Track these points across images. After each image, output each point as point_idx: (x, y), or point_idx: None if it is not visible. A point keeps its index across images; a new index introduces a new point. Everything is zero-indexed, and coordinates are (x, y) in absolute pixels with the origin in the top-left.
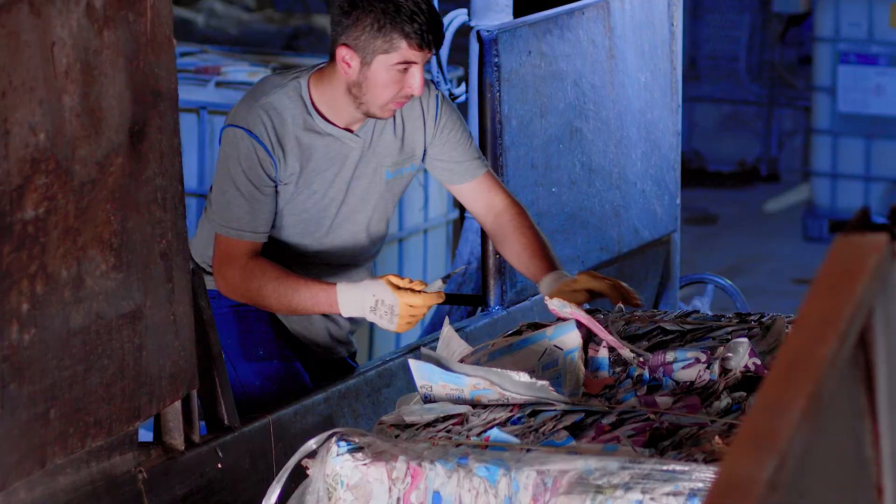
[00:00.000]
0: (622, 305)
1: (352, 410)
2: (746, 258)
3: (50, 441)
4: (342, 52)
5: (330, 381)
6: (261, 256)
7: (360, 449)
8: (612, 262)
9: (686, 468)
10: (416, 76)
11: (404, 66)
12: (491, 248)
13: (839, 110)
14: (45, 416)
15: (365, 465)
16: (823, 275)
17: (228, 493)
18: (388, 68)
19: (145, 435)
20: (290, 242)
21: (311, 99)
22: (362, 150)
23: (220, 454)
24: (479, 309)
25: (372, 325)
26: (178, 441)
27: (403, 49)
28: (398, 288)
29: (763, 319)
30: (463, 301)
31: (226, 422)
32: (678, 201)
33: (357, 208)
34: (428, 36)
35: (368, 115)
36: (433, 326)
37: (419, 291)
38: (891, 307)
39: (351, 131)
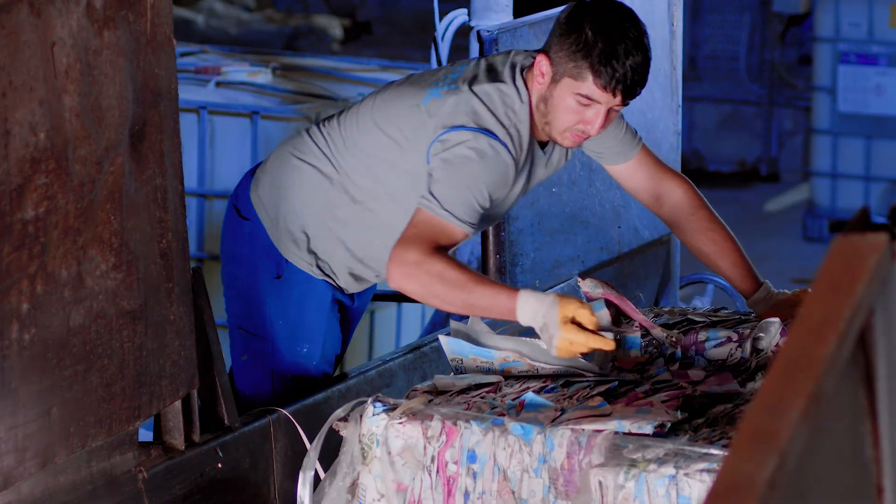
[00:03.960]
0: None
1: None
2: None
3: (50, 441)
4: (540, 60)
5: (330, 381)
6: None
7: (395, 408)
8: (612, 262)
9: (721, 448)
10: (597, 114)
11: (587, 99)
12: (491, 248)
13: (839, 110)
14: (46, 416)
15: (401, 423)
16: (823, 275)
17: (228, 492)
18: (571, 94)
19: (145, 435)
20: None
21: (529, 106)
22: (543, 166)
23: (220, 454)
24: None
25: (372, 326)
26: (178, 441)
27: (589, 83)
28: (567, 321)
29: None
30: None
31: (226, 422)
32: None
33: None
34: (617, 84)
35: (550, 138)
36: (433, 326)
37: (587, 330)
38: (891, 307)
39: (542, 146)
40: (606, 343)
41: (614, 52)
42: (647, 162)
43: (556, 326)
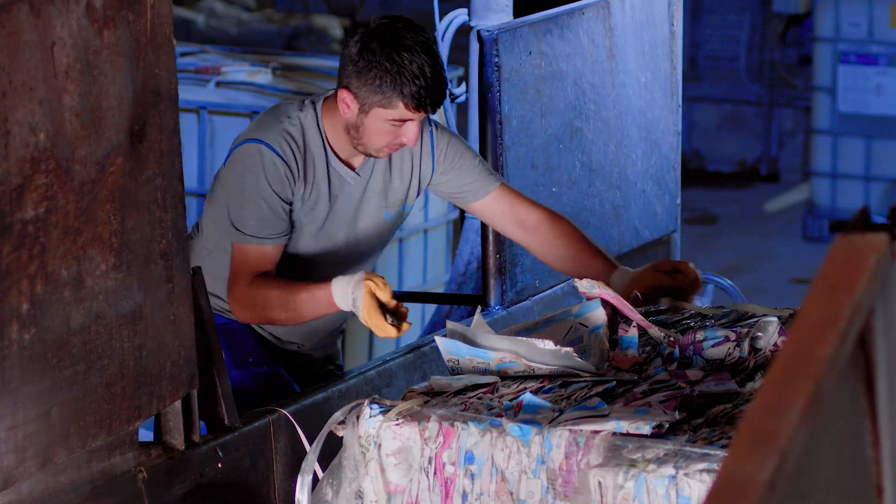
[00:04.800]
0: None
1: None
2: (746, 258)
3: (50, 441)
4: (343, 95)
5: (330, 380)
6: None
7: (391, 410)
8: None
9: (720, 449)
10: (411, 129)
11: (401, 121)
12: (491, 248)
13: (839, 110)
14: (46, 416)
15: (398, 425)
16: (823, 275)
17: (228, 492)
18: (383, 121)
19: (145, 435)
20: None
21: (324, 128)
22: (363, 190)
23: (220, 454)
24: (480, 309)
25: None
26: (178, 441)
27: (400, 109)
28: (370, 294)
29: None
30: (463, 301)
31: (226, 422)
32: (678, 201)
33: (361, 247)
34: (426, 100)
35: (365, 154)
36: (433, 326)
37: (392, 301)
38: (891, 307)
39: (352, 168)
40: (387, 328)
41: (413, 74)
42: (508, 191)
43: (362, 300)
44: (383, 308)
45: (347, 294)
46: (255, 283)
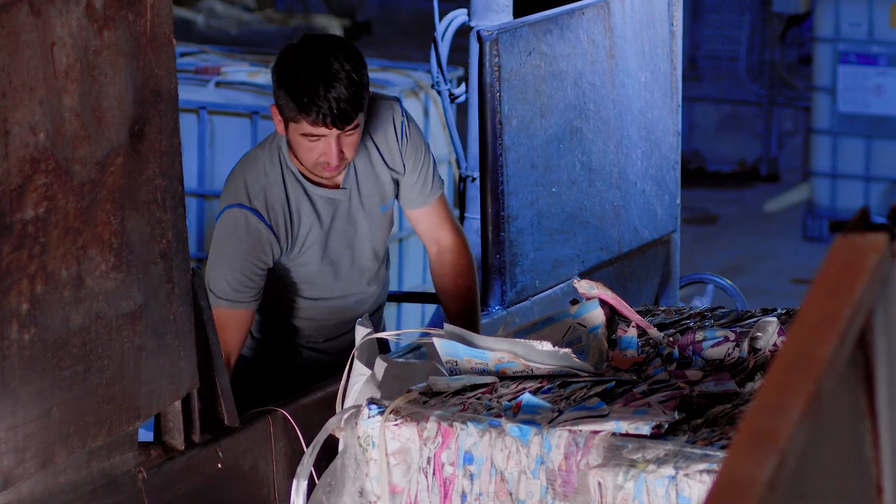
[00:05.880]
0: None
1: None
2: (746, 258)
3: (50, 441)
4: (273, 110)
5: (330, 380)
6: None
7: (391, 410)
8: (612, 262)
9: (720, 449)
10: (329, 146)
11: (313, 136)
12: (491, 248)
13: (839, 110)
14: (46, 416)
15: (396, 425)
16: (823, 275)
17: (228, 493)
18: (298, 135)
19: (145, 435)
20: (309, 294)
21: (293, 166)
22: (349, 197)
23: (220, 454)
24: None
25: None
26: (178, 441)
27: (304, 124)
28: None
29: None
30: None
31: (226, 422)
32: (678, 201)
33: (363, 247)
34: (325, 118)
35: (309, 172)
36: (433, 327)
37: None
38: (891, 307)
39: (336, 186)
40: None
41: (315, 90)
42: (439, 210)
43: None
44: None
45: None
46: (231, 351)
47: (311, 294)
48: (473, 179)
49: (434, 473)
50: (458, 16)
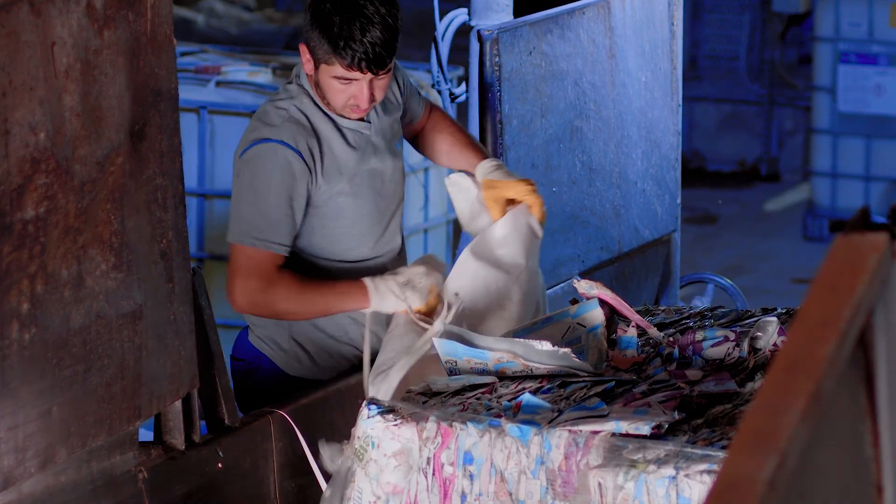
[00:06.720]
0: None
1: (353, 410)
2: (746, 258)
3: (51, 441)
4: (303, 49)
5: (329, 380)
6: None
7: (390, 411)
8: (612, 262)
9: (721, 449)
10: (361, 90)
11: (345, 79)
12: None
13: (839, 110)
14: (46, 416)
15: (396, 425)
16: (823, 275)
17: (228, 493)
18: (330, 77)
19: (145, 435)
20: (348, 247)
21: (320, 102)
22: (372, 131)
23: (220, 454)
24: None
25: None
26: (178, 441)
27: (337, 66)
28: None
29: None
30: None
31: (226, 422)
32: (678, 201)
33: (395, 190)
34: (360, 62)
35: (338, 114)
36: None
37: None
38: (891, 307)
39: (361, 119)
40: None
41: (350, 33)
42: (430, 108)
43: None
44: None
45: (394, 293)
46: (275, 282)
47: (349, 256)
48: None
49: (434, 474)
50: (459, 15)
